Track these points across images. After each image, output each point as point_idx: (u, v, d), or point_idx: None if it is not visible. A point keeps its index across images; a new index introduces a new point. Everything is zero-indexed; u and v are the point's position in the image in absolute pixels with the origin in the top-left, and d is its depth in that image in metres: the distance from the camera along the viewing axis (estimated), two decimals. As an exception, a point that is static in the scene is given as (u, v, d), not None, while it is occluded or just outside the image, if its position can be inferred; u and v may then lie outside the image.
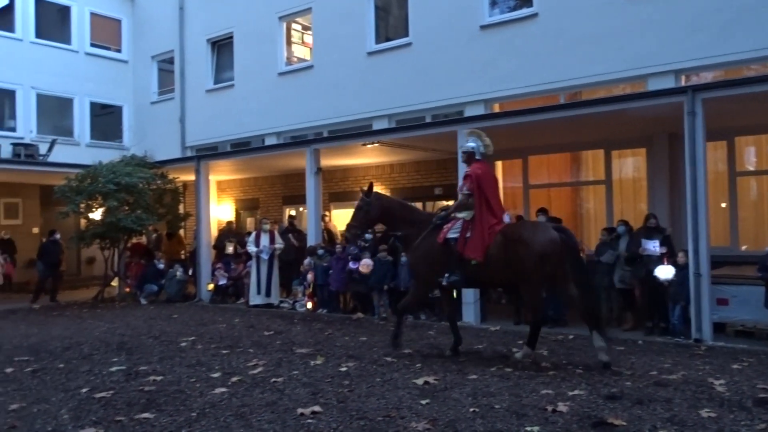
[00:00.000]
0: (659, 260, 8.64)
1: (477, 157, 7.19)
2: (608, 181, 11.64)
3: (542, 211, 10.23)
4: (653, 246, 8.68)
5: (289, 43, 16.67)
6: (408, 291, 10.62)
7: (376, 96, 14.12)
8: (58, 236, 14.56)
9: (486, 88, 12.55)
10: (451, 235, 6.95)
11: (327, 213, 14.00)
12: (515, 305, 10.12)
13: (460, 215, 7.06)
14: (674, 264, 8.55)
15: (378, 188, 14.35)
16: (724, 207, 10.60)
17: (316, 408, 5.19)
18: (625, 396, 5.43)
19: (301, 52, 16.97)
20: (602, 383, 5.92)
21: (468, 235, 6.84)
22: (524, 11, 12.22)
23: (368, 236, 11.72)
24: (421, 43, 13.55)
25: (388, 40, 14.44)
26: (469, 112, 12.42)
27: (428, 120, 13.05)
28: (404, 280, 10.65)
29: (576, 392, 5.58)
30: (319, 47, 15.49)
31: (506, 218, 7.18)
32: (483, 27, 12.64)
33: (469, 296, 9.99)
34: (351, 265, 11.22)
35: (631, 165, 11.75)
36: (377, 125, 13.80)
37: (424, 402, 5.35)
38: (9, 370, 7.11)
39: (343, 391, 5.78)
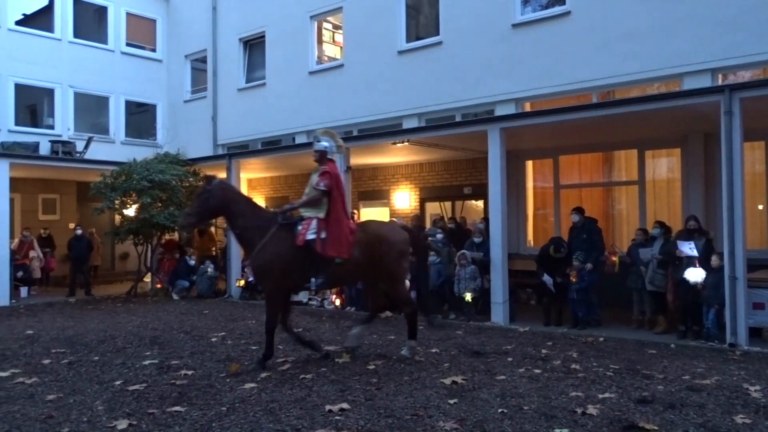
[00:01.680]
0: (692, 262, 8.48)
1: (329, 157, 7.19)
2: (641, 182, 11.46)
3: (577, 210, 10.10)
4: (689, 248, 8.51)
5: (319, 42, 16.77)
6: (434, 290, 10.74)
7: (406, 95, 14.12)
8: (79, 232, 14.89)
9: (517, 87, 12.46)
10: (309, 237, 6.69)
11: (355, 211, 14.03)
12: (544, 306, 10.04)
13: (310, 214, 6.84)
14: (708, 267, 8.37)
15: (407, 187, 14.48)
16: (761, 209, 10.35)
17: (344, 405, 5.22)
18: (657, 400, 5.35)
19: (331, 51, 17.05)
20: (633, 387, 5.84)
21: (323, 235, 6.67)
22: (557, 9, 12.09)
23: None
24: (451, 42, 13.51)
25: (418, 38, 14.42)
26: (499, 111, 12.36)
27: (458, 119, 13.02)
28: (432, 279, 10.66)
29: (606, 395, 5.51)
30: (350, 46, 15.55)
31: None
32: (515, 25, 12.54)
33: (498, 296, 9.94)
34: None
35: (665, 165, 11.54)
36: (407, 124, 13.81)
37: (451, 402, 5.34)
38: (46, 361, 7.31)
39: (371, 389, 5.80)
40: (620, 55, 11.17)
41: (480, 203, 13.23)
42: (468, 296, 10.14)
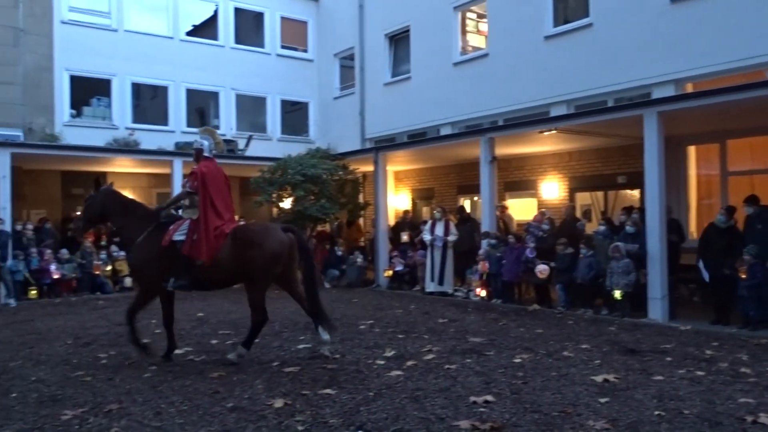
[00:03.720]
0: None
1: (206, 155, 6.99)
2: (828, 167, 10.15)
3: (751, 199, 9.18)
4: None
5: (463, 32, 16.66)
6: (584, 283, 10.30)
7: (554, 81, 13.62)
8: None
9: (677, 67, 11.53)
10: (177, 237, 6.60)
11: (504, 203, 13.81)
12: (713, 304, 9.21)
13: (188, 215, 6.77)
14: None
15: (556, 177, 13.98)
16: None
17: (489, 397, 5.19)
18: None
19: (475, 40, 16.89)
20: (816, 396, 5.21)
21: (195, 236, 6.54)
22: (724, -21, 11.02)
23: (546, 226, 11.45)
24: (602, 23, 12.81)
25: (566, 22, 13.83)
26: (656, 94, 11.51)
27: (611, 104, 12.33)
28: (581, 273, 10.24)
29: (782, 403, 4.98)
30: (495, 34, 15.29)
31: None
32: (674, 0, 11.61)
33: (656, 292, 9.32)
34: (528, 253, 11.02)
35: None
36: (555, 111, 13.32)
37: (602, 400, 5.11)
38: (214, 341, 8.02)
39: (517, 383, 5.71)
40: (802, 25, 9.94)
41: (636, 192, 12.46)
42: (617, 294, 9.60)
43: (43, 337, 8.50)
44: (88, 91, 17.61)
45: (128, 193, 17.38)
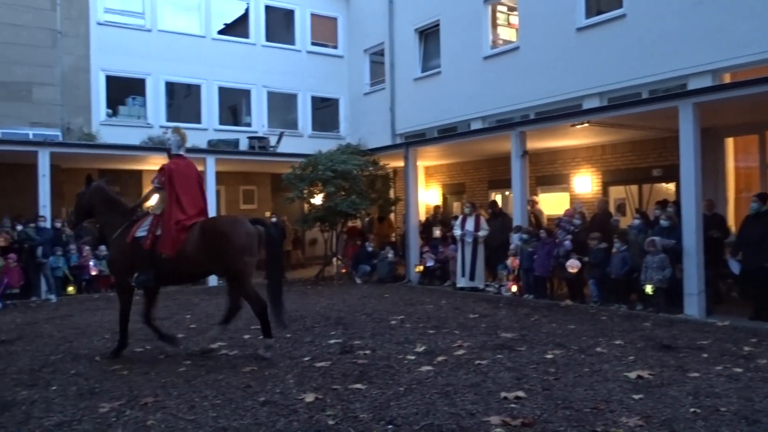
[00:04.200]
0: None
1: (174, 152, 7.18)
2: None
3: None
4: None
5: (494, 26, 16.51)
6: (618, 279, 10.13)
7: (586, 74, 13.41)
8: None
9: (714, 57, 11.25)
10: (139, 234, 6.81)
11: (534, 198, 13.68)
12: (755, 299, 8.97)
13: (155, 211, 6.98)
14: None
15: (589, 171, 13.81)
16: None
17: (520, 393, 5.16)
18: None
19: (506, 34, 16.72)
20: None
21: (158, 231, 6.70)
22: (763, -35, 10.69)
23: (577, 221, 11.31)
24: (636, 14, 12.55)
25: (599, 13, 13.60)
26: (693, 85, 11.25)
27: (645, 96, 12.09)
28: (615, 268, 10.08)
29: (824, 401, 4.84)
30: (525, 27, 15.11)
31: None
32: (711, -12, 11.33)
33: (692, 287, 9.13)
34: (566, 245, 10.87)
35: None
36: (587, 104, 13.12)
37: (636, 397, 5.04)
38: (246, 336, 8.10)
39: (549, 379, 5.66)
40: None
41: (671, 186, 12.21)
42: (648, 288, 9.43)
43: (82, 332, 8.73)
44: (124, 90, 17.95)
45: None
